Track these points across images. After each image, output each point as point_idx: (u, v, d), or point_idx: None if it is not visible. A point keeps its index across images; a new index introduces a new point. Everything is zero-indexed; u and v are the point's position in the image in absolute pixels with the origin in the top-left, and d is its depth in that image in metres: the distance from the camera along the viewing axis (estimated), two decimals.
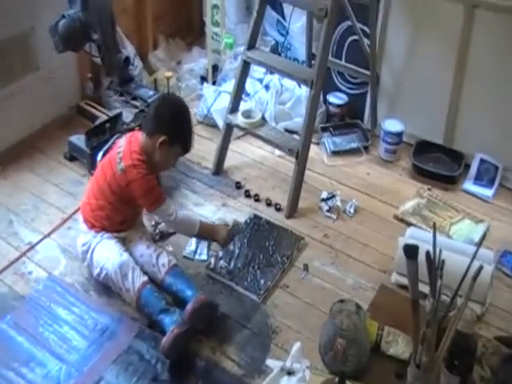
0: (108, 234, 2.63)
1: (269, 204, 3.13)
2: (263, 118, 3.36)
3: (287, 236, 2.91)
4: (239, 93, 3.25)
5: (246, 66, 3.18)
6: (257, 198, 3.16)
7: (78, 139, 3.28)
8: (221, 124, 3.43)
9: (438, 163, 3.39)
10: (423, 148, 3.43)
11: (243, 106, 3.36)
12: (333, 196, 3.11)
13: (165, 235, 2.91)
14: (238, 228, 2.85)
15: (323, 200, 3.11)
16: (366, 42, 3.36)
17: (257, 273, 2.70)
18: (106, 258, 2.54)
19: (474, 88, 3.23)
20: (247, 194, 3.19)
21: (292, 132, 3.51)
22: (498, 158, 3.25)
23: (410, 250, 1.87)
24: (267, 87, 3.75)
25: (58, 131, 3.52)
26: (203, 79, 4.02)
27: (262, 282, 2.66)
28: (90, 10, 3.17)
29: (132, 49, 3.77)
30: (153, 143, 2.54)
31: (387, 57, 3.47)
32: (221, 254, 2.78)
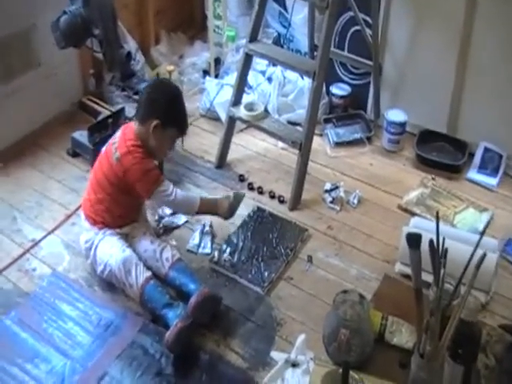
0: (110, 231, 2.63)
1: (272, 196, 3.12)
2: (266, 110, 3.36)
3: (291, 228, 2.90)
4: (242, 85, 3.24)
5: (248, 59, 3.17)
6: (260, 191, 3.16)
7: (81, 135, 3.28)
8: (223, 117, 3.42)
9: (441, 152, 3.37)
10: (427, 137, 3.41)
11: (246, 98, 3.35)
12: (336, 187, 3.11)
13: (168, 229, 2.91)
14: (240, 198, 2.79)
15: (327, 191, 3.10)
16: (369, 32, 3.34)
17: (261, 265, 2.70)
18: (109, 255, 2.54)
19: (477, 76, 3.21)
20: (250, 187, 3.18)
21: (295, 124, 3.49)
22: (502, 146, 3.23)
23: (413, 239, 1.87)
24: (270, 79, 3.74)
25: (61, 127, 3.51)
26: (205, 73, 4.00)
27: (266, 274, 2.65)
28: (91, 6, 3.15)
29: (134, 44, 3.75)
30: (146, 129, 2.53)
31: (390, 47, 3.46)
32: (224, 247, 2.78)
